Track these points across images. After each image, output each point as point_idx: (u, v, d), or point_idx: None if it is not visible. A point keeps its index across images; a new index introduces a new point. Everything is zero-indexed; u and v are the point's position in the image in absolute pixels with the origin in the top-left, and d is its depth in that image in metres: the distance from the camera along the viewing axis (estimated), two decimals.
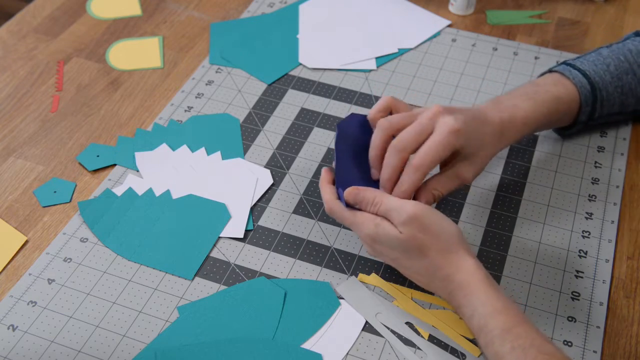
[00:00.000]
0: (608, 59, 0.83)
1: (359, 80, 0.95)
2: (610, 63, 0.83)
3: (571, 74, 0.81)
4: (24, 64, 0.96)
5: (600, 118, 0.84)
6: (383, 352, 0.67)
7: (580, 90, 0.80)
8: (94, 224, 0.76)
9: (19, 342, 0.67)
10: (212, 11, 1.06)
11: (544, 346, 0.59)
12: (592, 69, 0.82)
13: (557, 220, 0.78)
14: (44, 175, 0.82)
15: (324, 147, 0.86)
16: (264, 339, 0.67)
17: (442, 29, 1.03)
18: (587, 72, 0.81)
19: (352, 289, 0.71)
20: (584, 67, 0.82)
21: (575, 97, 0.81)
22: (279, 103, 0.91)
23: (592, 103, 0.81)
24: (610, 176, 0.83)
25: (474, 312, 0.62)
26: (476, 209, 0.79)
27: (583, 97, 0.81)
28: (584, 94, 0.81)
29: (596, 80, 0.81)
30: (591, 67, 0.82)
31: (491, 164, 0.83)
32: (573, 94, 0.80)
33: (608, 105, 0.83)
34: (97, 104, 0.91)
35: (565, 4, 1.08)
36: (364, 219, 0.67)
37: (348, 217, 0.69)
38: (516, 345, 0.59)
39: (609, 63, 0.83)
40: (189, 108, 0.90)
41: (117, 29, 1.02)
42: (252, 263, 0.73)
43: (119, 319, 0.69)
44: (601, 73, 0.82)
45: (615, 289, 0.72)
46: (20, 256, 0.74)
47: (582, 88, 0.81)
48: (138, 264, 0.73)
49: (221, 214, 0.77)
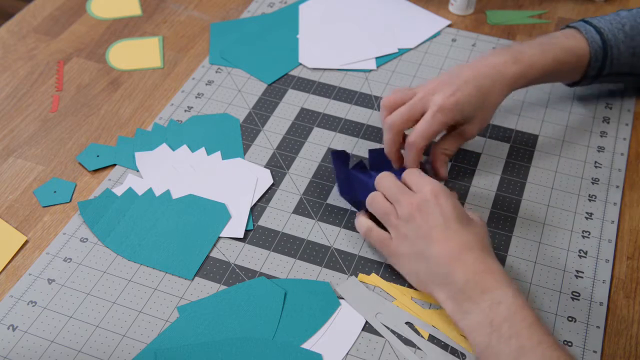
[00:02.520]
0: (624, 19, 0.84)
1: (359, 80, 0.95)
2: (626, 23, 0.84)
3: (585, 29, 0.83)
4: (24, 64, 0.96)
5: (609, 76, 0.86)
6: (383, 352, 0.67)
7: (591, 44, 0.82)
8: (94, 224, 0.76)
9: (19, 342, 0.67)
10: (212, 11, 1.06)
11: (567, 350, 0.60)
12: (606, 27, 0.83)
13: (557, 220, 0.78)
14: (44, 175, 0.82)
15: (324, 147, 0.86)
16: (264, 339, 0.67)
17: (442, 29, 1.03)
18: (600, 29, 0.83)
19: (352, 289, 0.71)
20: (599, 24, 0.84)
21: (585, 50, 0.82)
22: (279, 103, 0.91)
23: (602, 59, 0.83)
24: (610, 176, 0.83)
25: (504, 300, 0.62)
26: (476, 208, 0.79)
27: (593, 52, 0.82)
28: (594, 48, 0.82)
29: (609, 37, 0.83)
30: (606, 24, 0.84)
31: (491, 164, 0.84)
32: (583, 47, 0.82)
33: (618, 63, 0.84)
34: (97, 104, 0.91)
35: (565, 4, 1.08)
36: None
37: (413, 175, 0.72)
38: (544, 340, 0.59)
39: (625, 23, 0.84)
40: (189, 108, 0.90)
41: (117, 29, 1.02)
42: (252, 263, 0.74)
43: (119, 319, 0.69)
44: (615, 31, 0.83)
45: (615, 289, 0.72)
46: (20, 256, 0.74)
47: (593, 43, 0.82)
48: (138, 264, 0.73)
49: (221, 214, 0.77)
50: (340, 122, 0.89)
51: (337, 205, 0.79)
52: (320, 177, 0.82)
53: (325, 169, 0.83)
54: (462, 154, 0.85)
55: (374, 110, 0.90)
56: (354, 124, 0.89)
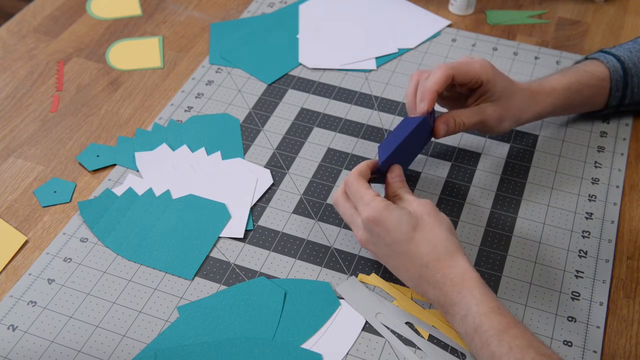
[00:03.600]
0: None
1: (359, 80, 0.95)
2: None
3: (605, 58, 0.84)
4: (24, 64, 0.96)
5: (631, 105, 0.86)
6: (383, 352, 0.67)
7: (613, 72, 0.83)
8: (94, 224, 0.76)
9: (19, 342, 0.67)
10: (212, 11, 1.06)
11: (542, 348, 0.59)
12: (626, 55, 0.84)
13: (557, 220, 0.78)
14: (44, 175, 0.82)
15: (324, 147, 0.86)
16: (264, 339, 0.67)
17: (442, 29, 1.03)
18: (620, 57, 0.83)
19: (352, 289, 0.71)
20: (618, 53, 0.84)
21: (606, 76, 0.83)
22: (279, 103, 0.91)
23: (622, 88, 0.83)
24: (610, 176, 0.83)
25: (469, 312, 0.61)
26: (476, 208, 0.79)
27: (614, 80, 0.83)
28: (615, 77, 0.83)
29: (629, 66, 0.83)
30: (626, 53, 0.84)
31: (491, 164, 0.84)
32: (604, 73, 0.83)
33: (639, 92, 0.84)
34: (97, 104, 0.91)
35: (565, 4, 1.08)
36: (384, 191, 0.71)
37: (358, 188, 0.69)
38: (514, 345, 0.58)
39: None
40: (189, 108, 0.90)
41: (117, 29, 1.02)
42: (252, 263, 0.74)
43: (119, 319, 0.69)
44: (635, 60, 0.83)
45: (615, 289, 0.72)
46: (20, 256, 0.74)
47: (615, 72, 0.83)
48: (138, 264, 0.73)
49: (221, 214, 0.77)
50: (340, 122, 0.89)
51: None
52: (320, 177, 0.82)
53: (325, 168, 0.83)
54: (462, 153, 0.85)
55: (374, 110, 0.90)
56: (354, 124, 0.89)
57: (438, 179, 0.82)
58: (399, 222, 0.65)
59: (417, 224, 0.65)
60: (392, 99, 0.92)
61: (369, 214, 0.66)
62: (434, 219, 0.66)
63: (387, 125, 0.88)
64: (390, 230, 0.65)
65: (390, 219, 0.65)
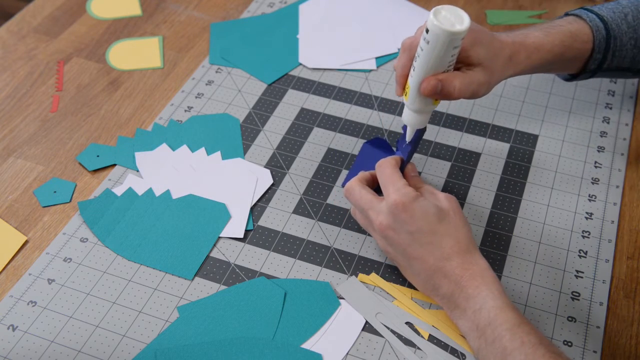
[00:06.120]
0: (627, 9, 0.81)
1: (359, 80, 0.95)
2: (628, 13, 0.81)
3: (588, 16, 0.80)
4: (24, 64, 0.96)
5: (608, 71, 0.82)
6: (383, 352, 0.67)
7: (595, 33, 0.79)
8: (94, 224, 0.76)
9: (19, 342, 0.67)
10: (212, 11, 1.06)
11: (551, 346, 0.60)
12: (609, 15, 0.80)
13: (557, 221, 0.78)
14: (44, 175, 0.82)
15: (324, 147, 0.86)
16: (264, 339, 0.67)
17: None
18: (604, 17, 0.80)
19: (352, 289, 0.71)
20: (601, 12, 0.80)
21: (589, 38, 0.79)
22: (279, 103, 0.91)
23: (603, 51, 0.80)
24: (610, 176, 0.83)
25: (484, 305, 0.62)
26: (476, 209, 0.79)
27: (597, 42, 0.79)
28: (598, 38, 0.79)
29: (612, 27, 0.79)
30: (609, 13, 0.80)
31: (491, 164, 0.84)
32: (587, 35, 0.79)
33: (620, 56, 0.81)
34: (97, 104, 0.91)
35: (565, 4, 1.08)
36: None
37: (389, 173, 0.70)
38: (526, 340, 0.59)
39: (627, 13, 0.81)
40: (189, 108, 0.90)
41: (117, 29, 1.02)
42: (252, 263, 0.74)
43: (119, 319, 0.69)
44: (618, 21, 0.80)
45: (615, 289, 0.72)
46: (20, 256, 0.74)
47: (597, 32, 0.79)
48: (138, 264, 0.73)
49: (221, 214, 0.77)
50: (340, 122, 0.89)
51: (337, 205, 0.79)
52: (320, 177, 0.82)
53: (325, 168, 0.83)
54: (462, 154, 0.85)
55: (374, 110, 0.90)
56: (354, 124, 0.89)
57: (438, 179, 0.82)
58: (427, 213, 0.66)
59: (443, 217, 0.67)
60: (392, 99, 0.92)
61: (399, 198, 0.67)
62: (459, 217, 0.68)
63: (387, 125, 0.88)
64: (417, 218, 0.66)
65: (419, 208, 0.66)
